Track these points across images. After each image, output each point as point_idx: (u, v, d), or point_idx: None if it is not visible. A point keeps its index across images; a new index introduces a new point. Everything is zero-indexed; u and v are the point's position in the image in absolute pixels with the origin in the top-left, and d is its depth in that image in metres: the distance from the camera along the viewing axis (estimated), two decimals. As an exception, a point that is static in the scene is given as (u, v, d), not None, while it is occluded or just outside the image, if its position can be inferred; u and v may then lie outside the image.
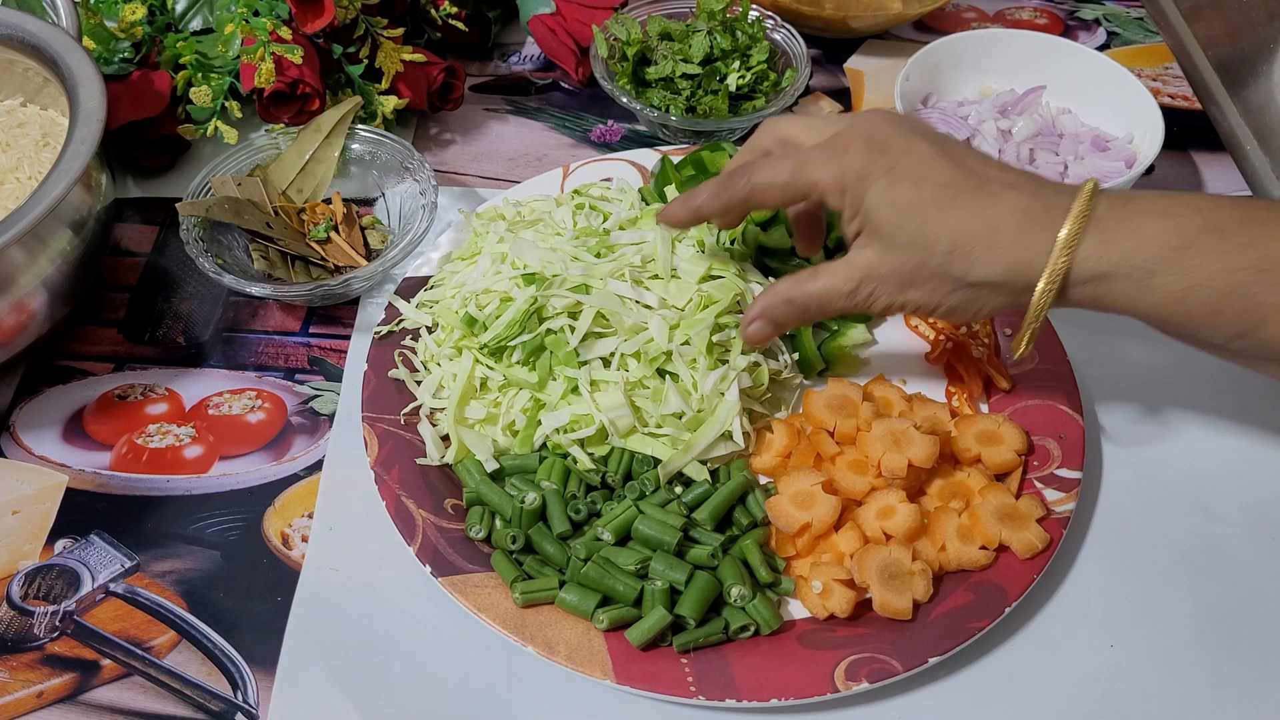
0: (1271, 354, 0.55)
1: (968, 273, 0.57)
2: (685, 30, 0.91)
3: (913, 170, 0.57)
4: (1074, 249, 0.54)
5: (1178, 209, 0.54)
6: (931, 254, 0.57)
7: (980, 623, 0.60)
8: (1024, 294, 0.57)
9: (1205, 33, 1.02)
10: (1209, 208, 0.55)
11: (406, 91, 0.88)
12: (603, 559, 0.61)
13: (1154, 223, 0.54)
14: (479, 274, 0.73)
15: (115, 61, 0.86)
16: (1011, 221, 0.56)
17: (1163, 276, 0.54)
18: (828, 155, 0.59)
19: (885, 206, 0.57)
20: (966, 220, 0.56)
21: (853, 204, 0.58)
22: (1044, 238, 0.55)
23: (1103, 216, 0.55)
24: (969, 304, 0.58)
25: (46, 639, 0.63)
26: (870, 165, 0.57)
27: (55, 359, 0.77)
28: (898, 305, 0.60)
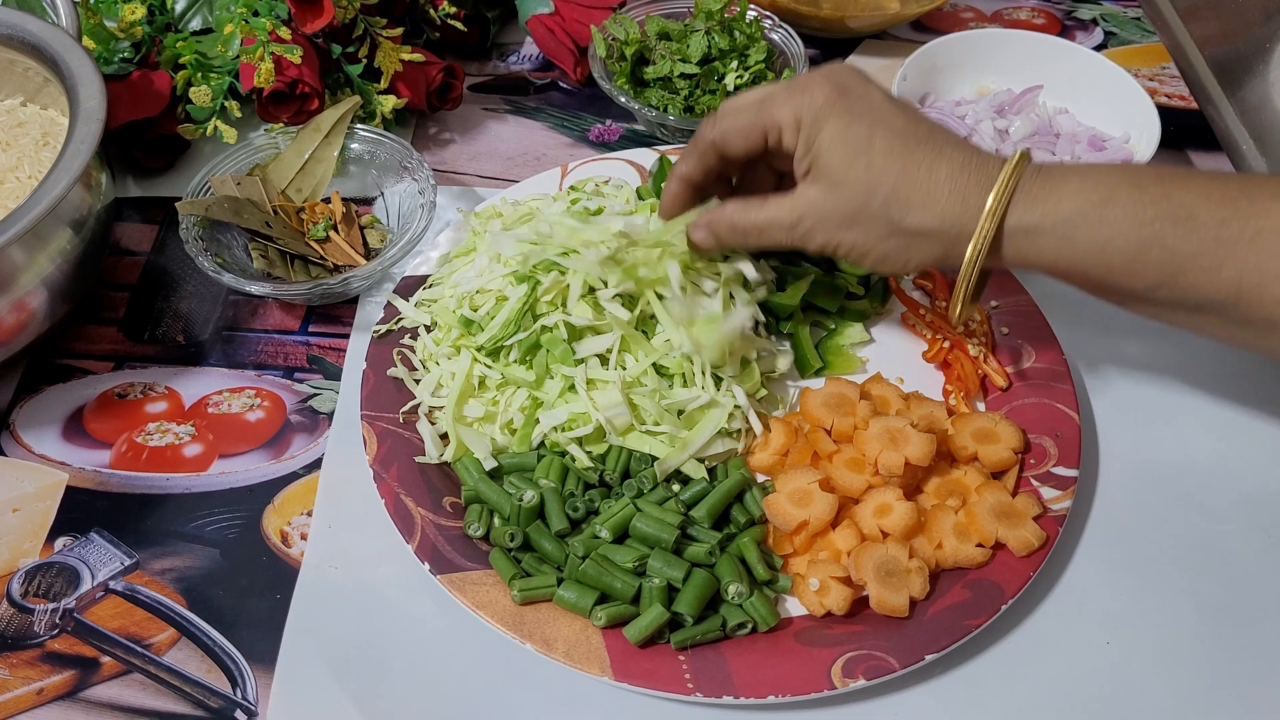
0: (1192, 302, 0.57)
1: (904, 218, 0.60)
2: (683, 30, 0.91)
3: (868, 114, 0.60)
4: (1006, 201, 0.58)
5: (1098, 170, 0.58)
6: (874, 196, 0.60)
7: (977, 620, 0.60)
8: (954, 245, 0.60)
9: (1202, 32, 1.02)
10: (1127, 169, 0.58)
11: (405, 91, 0.88)
12: (601, 556, 0.61)
13: (1076, 181, 0.58)
14: (475, 273, 0.74)
15: (115, 61, 0.86)
16: (951, 175, 0.59)
17: (1083, 230, 0.57)
18: (790, 92, 0.62)
19: (838, 144, 0.60)
20: (909, 168, 0.59)
21: (806, 140, 0.61)
22: (978, 192, 0.58)
23: (1030, 176, 0.58)
24: (901, 252, 0.61)
25: (47, 636, 0.63)
26: (829, 104, 0.60)
27: (55, 357, 0.77)
28: (833, 244, 0.63)
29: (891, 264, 0.62)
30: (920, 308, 0.77)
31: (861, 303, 0.77)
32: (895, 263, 0.62)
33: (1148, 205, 0.56)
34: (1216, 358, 0.77)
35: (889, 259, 0.62)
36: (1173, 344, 0.78)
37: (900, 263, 0.62)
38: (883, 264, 0.62)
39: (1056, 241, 0.58)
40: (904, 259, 0.62)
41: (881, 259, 0.62)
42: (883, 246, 0.61)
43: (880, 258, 0.62)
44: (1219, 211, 0.55)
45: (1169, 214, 0.56)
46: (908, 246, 0.61)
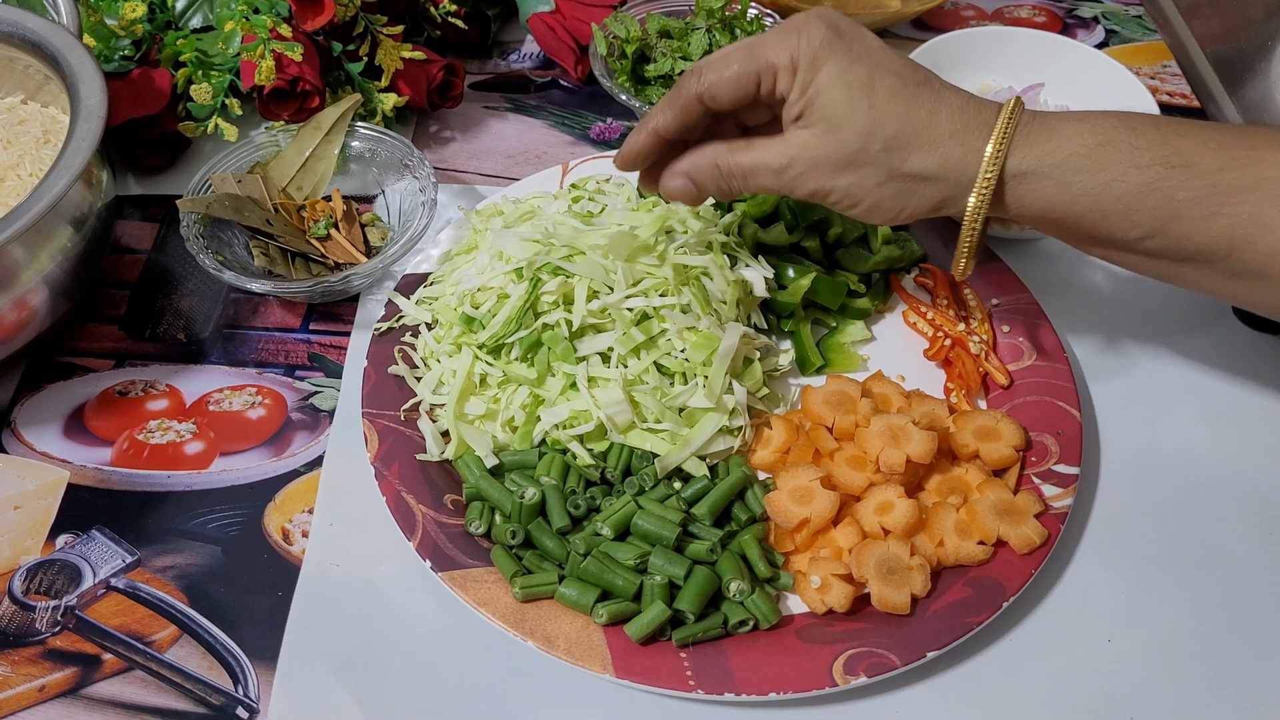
0: (1184, 251, 0.57)
1: (905, 161, 0.58)
2: (684, 28, 0.91)
3: (867, 55, 0.58)
4: (1007, 145, 0.57)
5: (1095, 115, 0.58)
6: (874, 138, 0.58)
7: (978, 617, 0.60)
8: (952, 190, 0.59)
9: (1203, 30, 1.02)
10: (1124, 114, 0.58)
11: (406, 89, 0.88)
12: (602, 554, 0.62)
13: (1073, 125, 0.57)
14: (476, 271, 0.74)
15: (116, 59, 0.86)
16: (950, 117, 0.58)
17: (1081, 174, 0.57)
18: (783, 34, 0.60)
19: (839, 85, 0.58)
20: (912, 110, 0.58)
21: (803, 82, 0.59)
22: (979, 134, 0.58)
23: (1028, 120, 0.58)
24: (897, 197, 0.60)
25: (48, 634, 0.63)
26: (827, 43, 0.58)
27: (56, 355, 0.77)
28: (824, 190, 0.60)
29: (884, 212, 0.60)
30: (921, 305, 0.77)
31: (863, 300, 0.77)
32: (889, 210, 0.60)
33: (1144, 150, 0.56)
34: (1219, 355, 0.77)
35: (881, 206, 0.60)
36: (1175, 342, 0.78)
37: (893, 211, 0.60)
38: (874, 212, 0.60)
39: (1054, 186, 0.57)
40: (899, 205, 0.60)
41: (874, 206, 0.60)
42: (877, 193, 0.60)
43: (873, 205, 0.60)
44: (1216, 159, 0.55)
45: (1165, 159, 0.55)
46: (904, 192, 0.59)
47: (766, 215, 0.77)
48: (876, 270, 0.78)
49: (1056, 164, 0.57)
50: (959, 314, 0.76)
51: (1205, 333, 0.79)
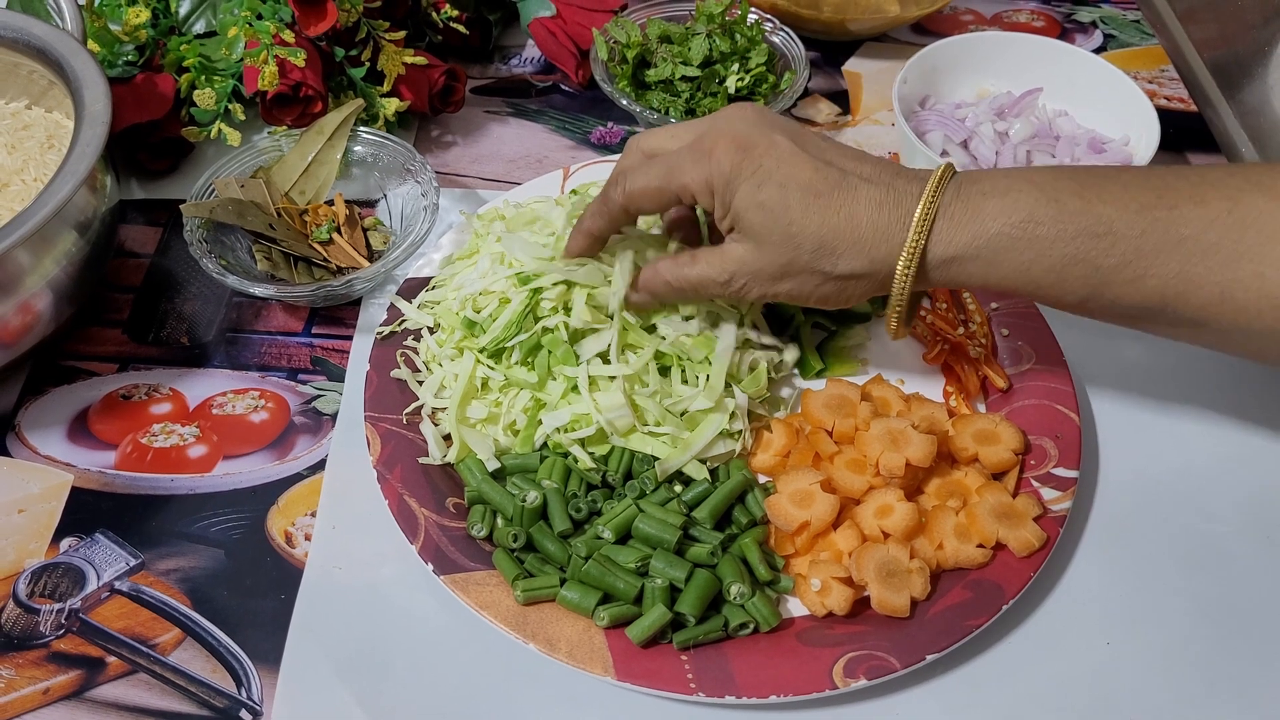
0: (1121, 311, 0.59)
1: (835, 266, 0.60)
2: (685, 33, 0.91)
3: (776, 172, 0.60)
4: (924, 236, 0.58)
5: (1017, 186, 0.58)
6: (800, 252, 0.60)
7: (977, 620, 0.61)
8: (889, 280, 0.60)
9: (1201, 35, 1.03)
10: (1046, 181, 0.58)
11: (408, 94, 0.89)
12: (603, 557, 0.62)
13: (994, 203, 0.58)
14: (477, 275, 0.74)
15: (119, 64, 0.86)
16: (870, 216, 0.59)
17: (1006, 254, 0.58)
18: (694, 158, 0.61)
19: (753, 209, 0.60)
20: (829, 219, 0.59)
21: (722, 204, 0.61)
22: (898, 230, 0.59)
23: (949, 203, 0.58)
24: (839, 293, 0.62)
25: (52, 636, 0.63)
26: (736, 168, 0.60)
27: (60, 359, 0.77)
28: (770, 295, 0.63)
29: (833, 303, 0.63)
30: (921, 309, 0.77)
31: (862, 305, 0.77)
32: (837, 301, 0.63)
33: (1067, 222, 0.56)
34: (1216, 360, 0.77)
35: (829, 299, 0.63)
36: (1173, 346, 0.78)
37: (840, 302, 0.63)
38: (824, 304, 0.63)
39: (982, 266, 0.58)
40: (844, 297, 0.62)
41: (822, 300, 0.63)
42: (820, 291, 0.62)
43: (820, 300, 0.63)
44: (1138, 223, 0.56)
45: (1088, 229, 0.56)
46: (844, 288, 0.62)
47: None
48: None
49: (982, 245, 0.58)
50: (958, 318, 0.76)
51: (1203, 336, 0.79)
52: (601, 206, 0.67)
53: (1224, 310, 0.56)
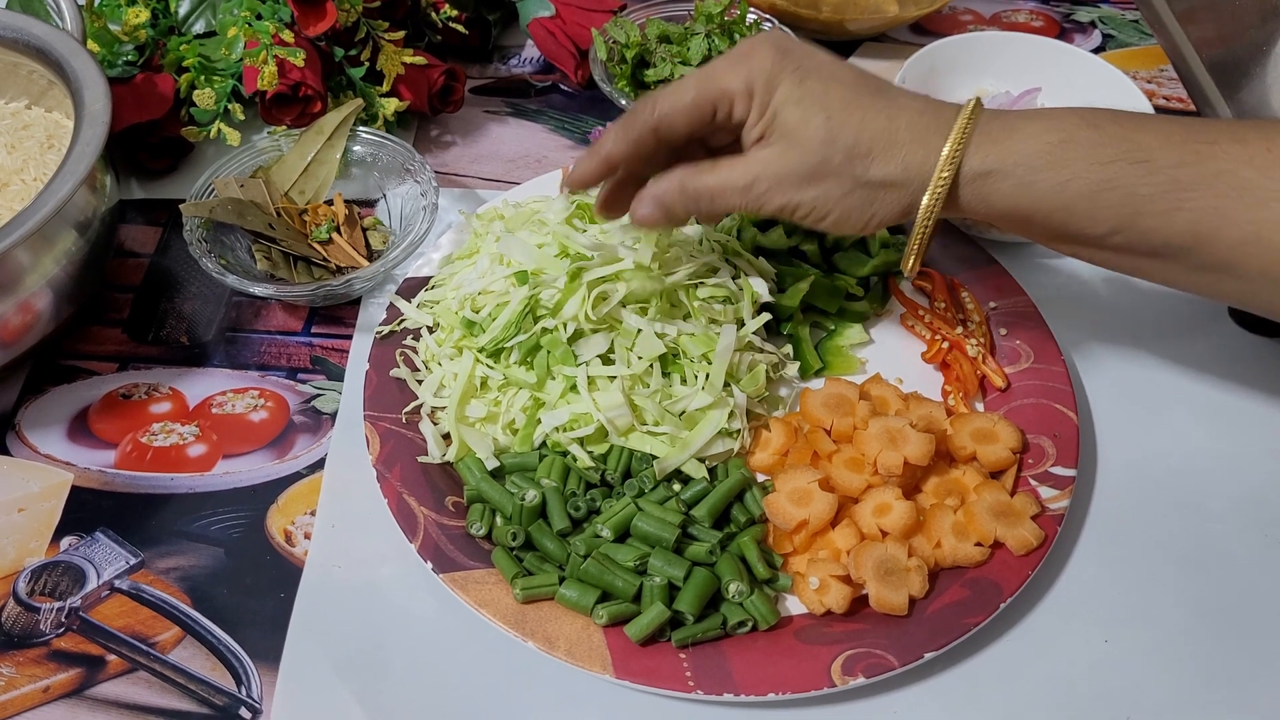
0: (1149, 246, 0.58)
1: (867, 170, 0.59)
2: (683, 33, 0.92)
3: (819, 69, 0.59)
4: (964, 145, 0.57)
5: (1056, 113, 0.58)
6: (834, 149, 0.58)
7: (975, 618, 0.61)
8: (917, 195, 0.59)
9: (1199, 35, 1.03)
10: (1086, 111, 0.58)
11: (407, 94, 0.89)
12: (602, 555, 0.62)
13: (1034, 123, 0.57)
14: (476, 275, 0.74)
15: (119, 64, 0.87)
16: (909, 121, 0.58)
17: (1042, 172, 0.57)
18: (733, 62, 0.60)
19: (794, 102, 0.58)
20: (869, 118, 0.58)
21: (760, 104, 0.59)
22: (938, 136, 0.58)
23: (988, 120, 0.58)
24: (864, 206, 0.60)
25: (52, 635, 0.63)
26: (779, 65, 0.59)
27: (60, 358, 0.77)
28: (791, 205, 0.61)
29: (853, 222, 0.60)
30: (919, 309, 0.77)
31: (861, 304, 0.78)
32: (857, 220, 0.60)
33: (1106, 145, 0.56)
34: (1215, 358, 0.78)
35: (850, 216, 0.60)
36: (1171, 345, 0.78)
37: (862, 220, 0.60)
38: (844, 223, 0.61)
39: (1015, 185, 0.57)
40: (867, 214, 0.60)
41: (843, 217, 0.60)
42: (845, 203, 0.60)
43: (842, 215, 0.60)
44: (1176, 154, 0.55)
45: (1127, 155, 0.55)
46: (871, 200, 0.59)
47: (765, 219, 0.78)
48: (874, 273, 0.78)
49: (1017, 162, 0.57)
50: (956, 317, 0.77)
51: (1202, 335, 0.79)
52: (626, 126, 0.63)
53: (1254, 252, 0.55)
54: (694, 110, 0.61)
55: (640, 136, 0.63)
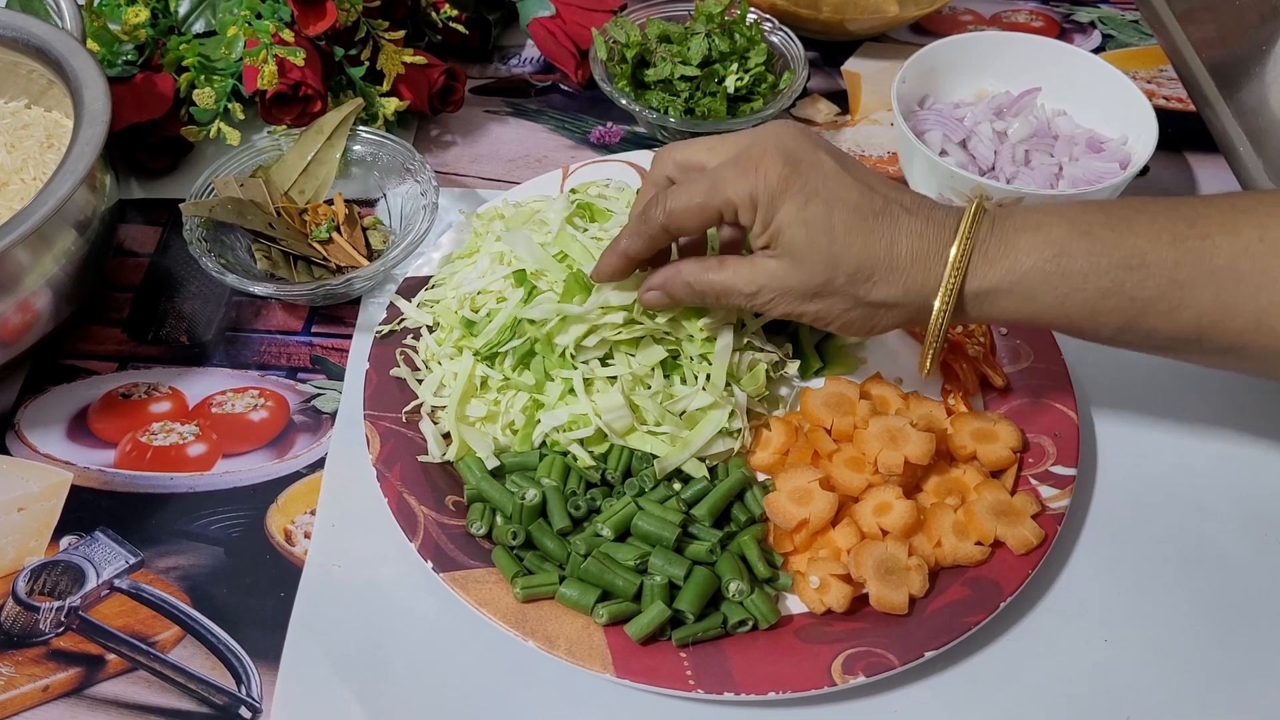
0: (1158, 342, 0.59)
1: (869, 293, 0.60)
2: (684, 33, 0.92)
3: (823, 190, 0.59)
4: (963, 270, 0.58)
5: (1049, 220, 0.58)
6: (837, 274, 0.59)
7: (976, 617, 0.61)
8: (919, 312, 0.60)
9: (1199, 35, 1.03)
10: (1077, 214, 0.58)
11: (407, 93, 0.89)
12: (602, 554, 0.62)
13: (1028, 238, 0.58)
14: (476, 274, 0.74)
15: (119, 64, 0.87)
16: (909, 246, 0.59)
17: (1041, 288, 0.58)
18: (740, 171, 0.60)
19: (798, 224, 0.59)
20: (871, 244, 0.59)
21: (764, 219, 0.60)
22: (937, 261, 0.59)
23: (984, 238, 0.58)
24: (866, 320, 0.62)
25: (52, 634, 0.63)
26: (784, 182, 0.59)
27: (60, 358, 0.77)
28: (795, 313, 0.62)
29: (855, 330, 0.63)
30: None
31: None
32: (859, 329, 0.62)
33: (1100, 255, 0.57)
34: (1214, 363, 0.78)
35: (853, 326, 0.62)
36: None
37: (864, 329, 0.62)
38: (845, 330, 0.63)
39: (1016, 300, 0.59)
40: (868, 326, 0.62)
41: (844, 326, 0.62)
42: (847, 316, 0.61)
43: (844, 325, 0.62)
44: (1171, 254, 0.56)
45: (1122, 262, 0.56)
46: (873, 315, 0.61)
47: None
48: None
49: (1016, 281, 0.58)
50: (957, 317, 0.76)
51: (1201, 335, 0.79)
52: (640, 226, 0.65)
53: (1260, 337, 0.56)
54: (702, 213, 0.62)
55: (654, 234, 0.64)
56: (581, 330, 0.68)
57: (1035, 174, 0.83)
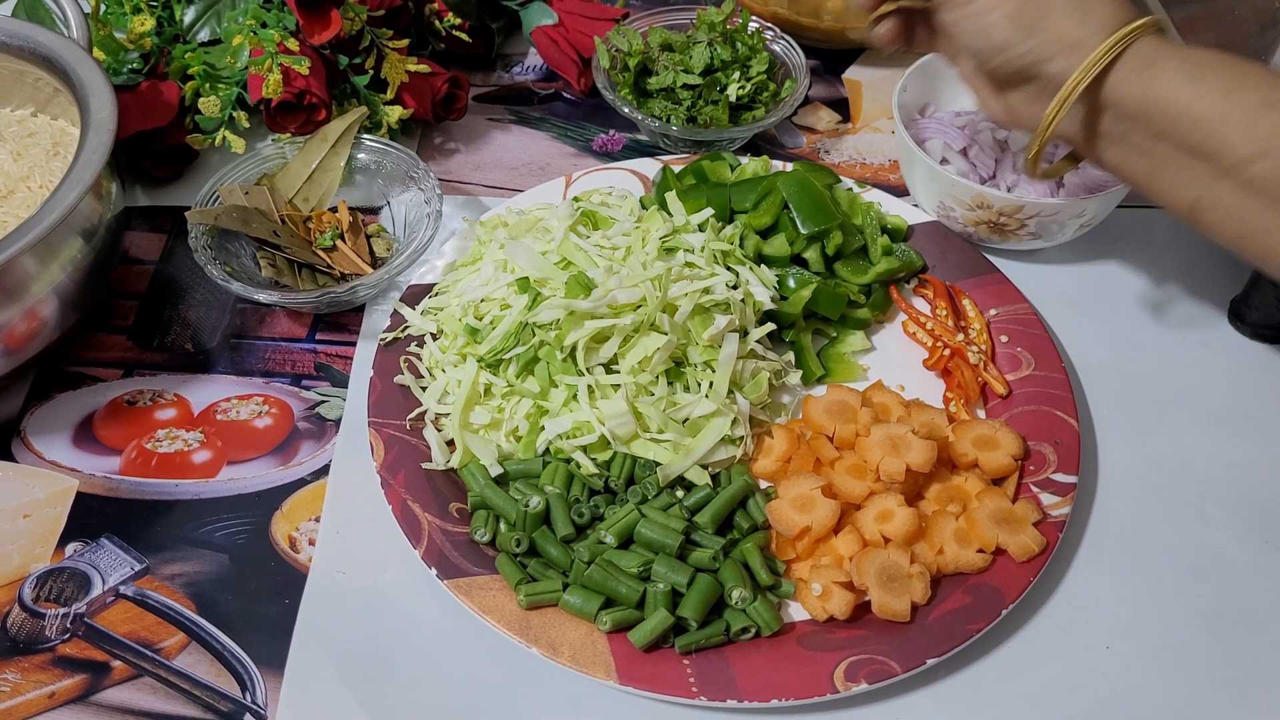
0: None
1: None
2: (686, 41, 0.92)
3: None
4: (1141, 29, 0.59)
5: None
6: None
7: (977, 625, 0.61)
8: (1083, 50, 0.60)
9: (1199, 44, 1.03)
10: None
11: (411, 102, 0.89)
12: (605, 562, 0.62)
13: (1213, 50, 0.58)
14: (480, 282, 0.74)
15: (124, 72, 0.87)
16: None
17: (1217, 72, 0.57)
18: None
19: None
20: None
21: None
22: (1124, 11, 0.60)
23: (1166, 26, 0.60)
24: (1029, 27, 0.62)
25: (58, 641, 0.64)
26: None
27: (65, 365, 0.78)
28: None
29: (1009, 28, 0.62)
30: (921, 315, 0.78)
31: (863, 311, 0.78)
32: (1015, 27, 0.62)
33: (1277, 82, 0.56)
34: (1215, 364, 0.78)
35: (1015, 17, 0.62)
36: (1171, 351, 0.79)
37: (1021, 31, 0.62)
38: (997, 28, 0.62)
39: (1183, 77, 0.58)
40: (1026, 27, 0.61)
41: (1011, 15, 0.62)
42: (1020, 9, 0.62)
43: (1010, 13, 0.62)
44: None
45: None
46: (1039, 21, 0.61)
47: (768, 227, 0.78)
48: (876, 281, 0.79)
49: (1191, 58, 0.58)
50: (958, 324, 0.77)
51: (1201, 342, 0.79)
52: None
53: None
54: None
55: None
56: (594, 327, 0.68)
57: (1036, 182, 0.83)
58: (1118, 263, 0.85)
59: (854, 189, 0.84)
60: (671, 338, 0.68)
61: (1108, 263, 0.85)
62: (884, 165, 0.94)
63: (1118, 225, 0.86)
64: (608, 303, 0.68)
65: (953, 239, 0.82)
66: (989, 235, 0.82)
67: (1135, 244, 0.86)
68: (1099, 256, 0.85)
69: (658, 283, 0.70)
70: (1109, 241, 0.86)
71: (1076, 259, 0.85)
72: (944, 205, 0.82)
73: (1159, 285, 0.83)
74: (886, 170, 0.93)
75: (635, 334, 0.69)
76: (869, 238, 0.79)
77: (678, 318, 0.69)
